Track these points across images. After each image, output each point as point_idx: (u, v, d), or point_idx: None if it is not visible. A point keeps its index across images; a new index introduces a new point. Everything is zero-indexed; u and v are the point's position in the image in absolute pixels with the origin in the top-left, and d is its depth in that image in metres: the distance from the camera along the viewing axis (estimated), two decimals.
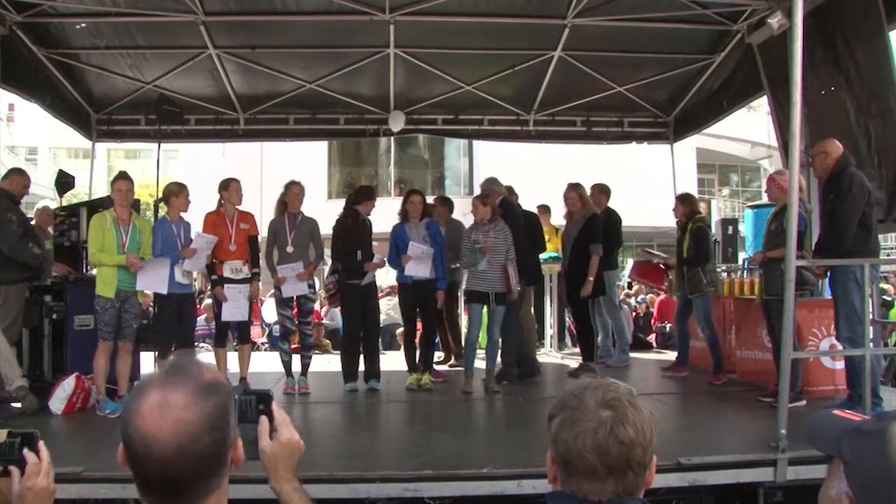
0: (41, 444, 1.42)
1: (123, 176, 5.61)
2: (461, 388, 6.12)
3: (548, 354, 8.56)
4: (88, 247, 5.45)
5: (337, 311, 10.04)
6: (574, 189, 6.88)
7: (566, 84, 8.19)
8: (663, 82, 8.24)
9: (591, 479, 1.22)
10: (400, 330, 9.85)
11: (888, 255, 18.79)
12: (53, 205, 7.65)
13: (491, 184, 6.80)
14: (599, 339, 7.62)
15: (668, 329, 9.68)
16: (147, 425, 1.11)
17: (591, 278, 6.54)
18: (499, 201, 6.57)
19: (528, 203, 7.70)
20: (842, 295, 4.71)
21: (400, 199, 6.78)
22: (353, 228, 6.33)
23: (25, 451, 1.39)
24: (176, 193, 5.77)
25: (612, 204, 7.60)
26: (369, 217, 6.48)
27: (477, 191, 9.99)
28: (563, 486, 1.26)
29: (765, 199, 7.27)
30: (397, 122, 8.45)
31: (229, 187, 6.03)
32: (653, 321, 10.69)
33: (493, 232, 6.10)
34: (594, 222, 6.70)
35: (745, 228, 11.89)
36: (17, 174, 5.94)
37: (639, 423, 1.26)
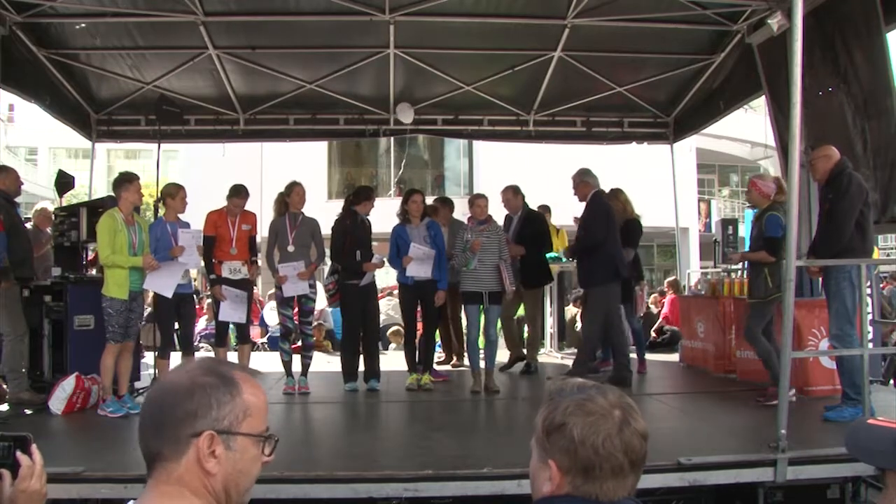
0: (34, 447, 1.42)
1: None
2: (470, 388, 6.14)
3: (548, 354, 8.57)
4: (99, 249, 5.37)
5: (330, 311, 10.06)
6: (616, 196, 6.90)
7: (566, 84, 8.19)
8: (663, 82, 8.25)
9: (616, 477, 1.24)
10: (392, 329, 9.90)
11: (888, 255, 18.81)
12: (52, 206, 7.65)
13: (583, 175, 6.49)
14: None
15: (666, 330, 9.65)
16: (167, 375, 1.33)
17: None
18: (590, 195, 6.32)
19: (528, 203, 7.69)
20: (834, 293, 4.72)
21: (400, 200, 6.77)
22: (351, 229, 6.33)
23: (18, 453, 1.40)
24: (172, 195, 5.76)
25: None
26: (368, 217, 6.49)
27: (476, 191, 10.01)
28: (577, 491, 1.25)
29: None
30: (406, 115, 8.36)
31: (239, 194, 6.07)
32: (662, 319, 10.48)
33: (486, 232, 6.10)
34: (631, 227, 6.84)
35: (745, 229, 11.88)
36: (5, 172, 5.88)
37: (642, 416, 1.28)
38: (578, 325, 8.98)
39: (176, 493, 1.19)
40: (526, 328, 7.70)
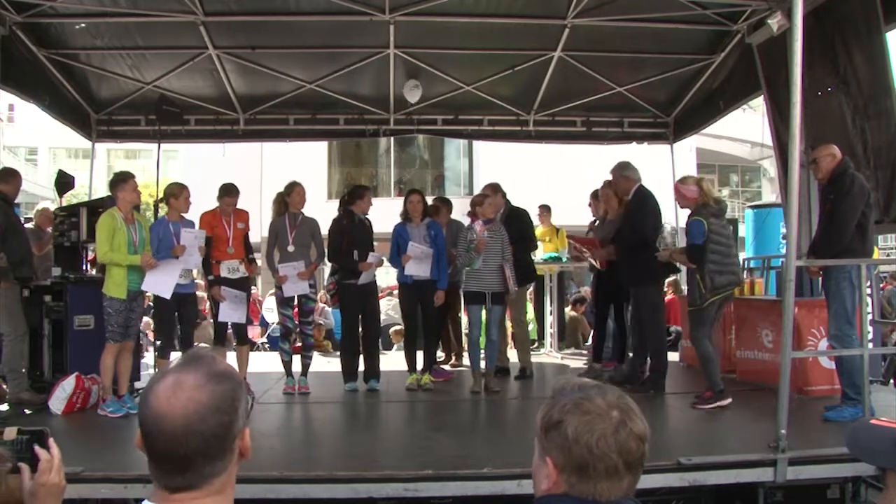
0: (51, 441, 1.44)
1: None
2: (470, 388, 6.12)
3: (548, 354, 8.57)
4: (98, 246, 5.36)
5: (331, 311, 10.07)
6: (609, 187, 6.62)
7: (566, 84, 8.19)
8: (663, 82, 8.25)
9: (610, 478, 1.24)
10: (393, 328, 9.89)
11: (888, 255, 18.80)
12: (53, 205, 7.64)
13: (622, 169, 6.14)
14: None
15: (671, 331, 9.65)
16: (160, 403, 1.19)
17: None
18: (633, 191, 6.03)
19: (528, 203, 7.69)
20: (834, 293, 4.73)
21: (400, 199, 6.77)
22: (348, 229, 6.32)
23: (37, 447, 1.42)
24: (175, 195, 5.74)
25: None
26: (368, 217, 6.47)
27: (477, 191, 10.00)
28: (573, 490, 1.25)
29: (765, 199, 7.28)
30: (414, 94, 8.23)
31: (231, 192, 6.04)
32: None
33: (489, 232, 6.10)
34: None
35: (745, 228, 11.89)
36: (13, 176, 5.91)
37: (643, 419, 1.28)
38: (590, 337, 8.94)
39: (224, 501, 1.25)
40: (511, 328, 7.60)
